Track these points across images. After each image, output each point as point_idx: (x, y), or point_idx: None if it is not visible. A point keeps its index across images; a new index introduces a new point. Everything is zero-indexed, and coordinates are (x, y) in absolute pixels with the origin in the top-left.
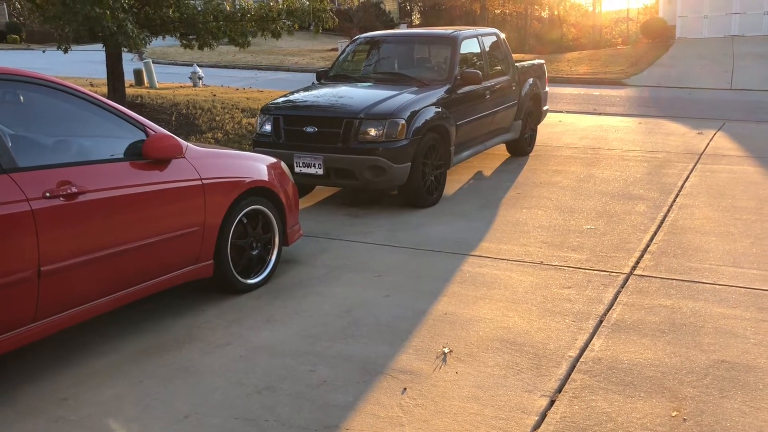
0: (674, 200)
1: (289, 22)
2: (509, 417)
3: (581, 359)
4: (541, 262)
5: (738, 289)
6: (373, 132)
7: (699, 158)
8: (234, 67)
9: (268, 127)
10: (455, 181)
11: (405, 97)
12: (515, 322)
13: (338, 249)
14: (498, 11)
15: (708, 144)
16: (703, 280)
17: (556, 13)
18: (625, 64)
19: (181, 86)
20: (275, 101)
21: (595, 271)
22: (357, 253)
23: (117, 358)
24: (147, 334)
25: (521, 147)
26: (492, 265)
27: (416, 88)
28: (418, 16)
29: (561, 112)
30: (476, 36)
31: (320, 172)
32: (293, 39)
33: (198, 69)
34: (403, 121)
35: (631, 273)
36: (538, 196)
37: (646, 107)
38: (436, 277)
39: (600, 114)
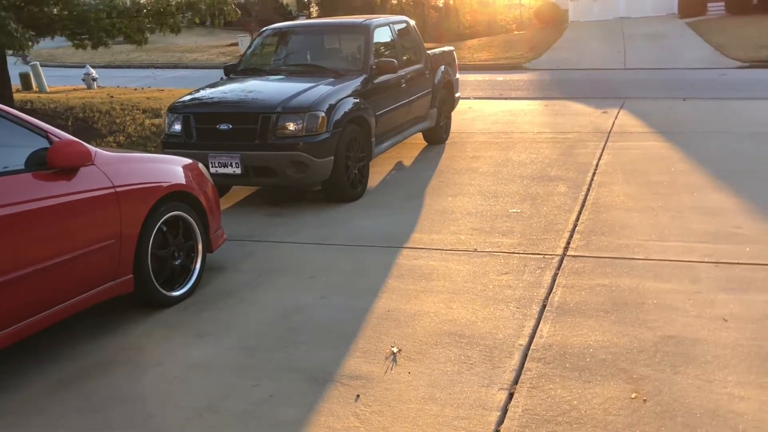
0: (592, 179)
1: (189, 16)
2: (471, 415)
3: (532, 347)
4: (475, 249)
5: (669, 262)
6: (292, 126)
7: (608, 136)
8: (129, 67)
9: (177, 127)
10: (377, 173)
11: (322, 88)
12: (460, 313)
13: (265, 251)
14: (395, 1)
15: (614, 122)
16: (635, 257)
17: (451, 1)
18: (523, 49)
19: (74, 89)
20: (183, 99)
21: (530, 255)
22: (286, 254)
23: (31, 392)
24: (65, 362)
25: (438, 135)
26: (427, 256)
27: (332, 79)
28: (316, 7)
29: (470, 98)
30: (388, 24)
31: (238, 171)
32: (190, 35)
33: (91, 70)
34: (323, 114)
35: (564, 254)
36: (461, 183)
37: (550, 90)
38: (373, 274)
39: (507, 99)
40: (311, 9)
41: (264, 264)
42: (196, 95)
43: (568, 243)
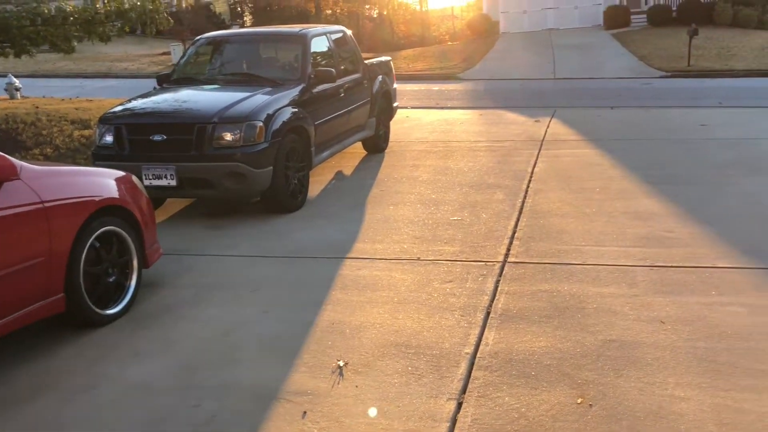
0: (528, 186)
1: (118, 25)
2: (420, 428)
3: (478, 355)
4: (418, 258)
5: (606, 267)
6: (229, 136)
7: (541, 144)
8: (55, 76)
9: (109, 138)
10: (318, 182)
11: (260, 98)
12: (405, 323)
13: (204, 265)
14: (330, 11)
15: (546, 130)
16: (573, 261)
17: (385, 12)
18: (457, 60)
19: None
20: (115, 109)
21: (472, 262)
22: (225, 268)
23: None
24: None
25: (377, 144)
26: (371, 266)
27: (270, 89)
28: (250, 17)
29: (407, 107)
30: (325, 33)
31: (173, 183)
32: (120, 44)
33: (14, 80)
34: (261, 124)
35: (505, 261)
36: (402, 192)
37: (484, 99)
38: (316, 285)
39: (443, 108)
40: (245, 18)
41: (203, 279)
42: (129, 105)
43: (509, 249)
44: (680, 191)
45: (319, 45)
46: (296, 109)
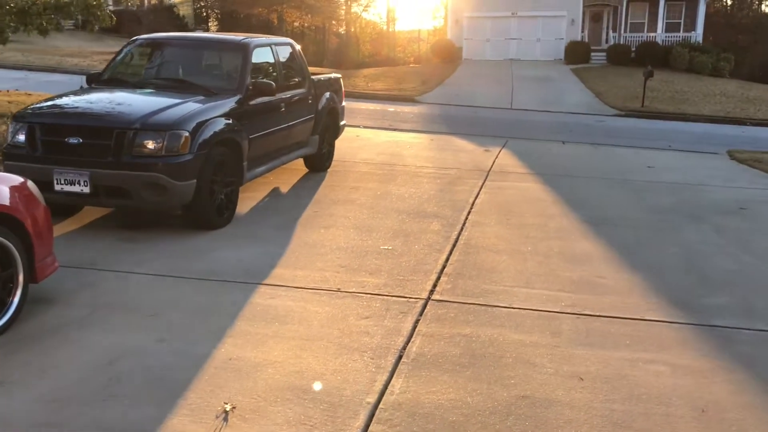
0: (467, 218)
1: (57, 18)
2: None
3: (381, 405)
4: (339, 289)
5: (532, 312)
6: (151, 145)
7: (487, 175)
8: (0, 67)
9: (21, 137)
10: (250, 198)
11: (189, 106)
12: (309, 363)
13: (106, 283)
14: (297, 24)
15: (494, 161)
16: (499, 304)
17: (353, 29)
18: (417, 82)
19: None
20: (33, 106)
21: (394, 298)
22: (129, 287)
23: None
24: None
25: (319, 162)
26: (286, 295)
27: (203, 98)
28: (215, 23)
29: (358, 126)
30: (270, 45)
31: (86, 190)
32: (75, 39)
33: None
34: (187, 133)
35: (429, 298)
36: (337, 215)
37: (437, 124)
38: (222, 314)
39: (395, 130)
40: (209, 24)
41: (102, 297)
42: (47, 103)
43: (435, 286)
44: (619, 234)
45: (261, 56)
46: (229, 121)
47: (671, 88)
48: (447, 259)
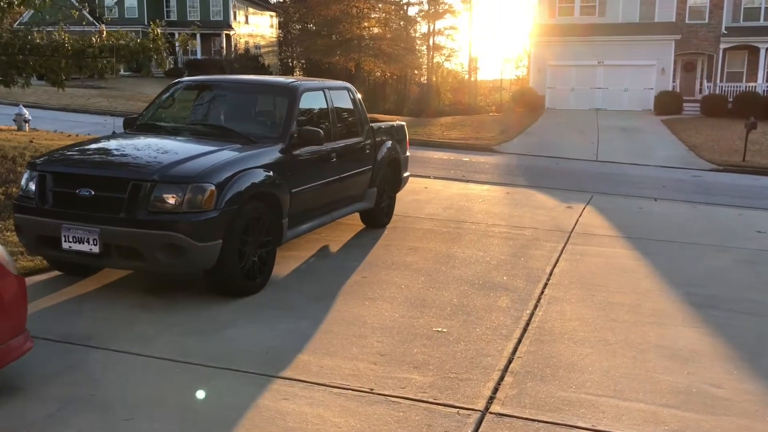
0: (542, 292)
1: (114, 61)
2: None
3: None
4: (371, 390)
5: None
6: (170, 199)
7: (569, 237)
8: (85, 112)
9: (33, 187)
10: (292, 258)
11: (220, 155)
12: None
13: (93, 366)
14: (379, 73)
15: (577, 220)
16: (579, 424)
17: (434, 79)
18: (496, 131)
19: None
20: (51, 152)
21: (440, 407)
22: (117, 373)
23: None
24: None
25: (377, 218)
26: (303, 396)
27: (240, 146)
28: (300, 73)
29: (428, 177)
30: (322, 89)
31: (96, 249)
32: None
33: (24, 110)
34: (212, 187)
35: (486, 409)
36: (387, 282)
37: (515, 176)
38: (215, 422)
39: (468, 181)
40: (294, 73)
41: (79, 388)
42: (69, 149)
43: (496, 390)
44: (733, 323)
45: (311, 101)
46: (268, 173)
47: None
48: (515, 350)
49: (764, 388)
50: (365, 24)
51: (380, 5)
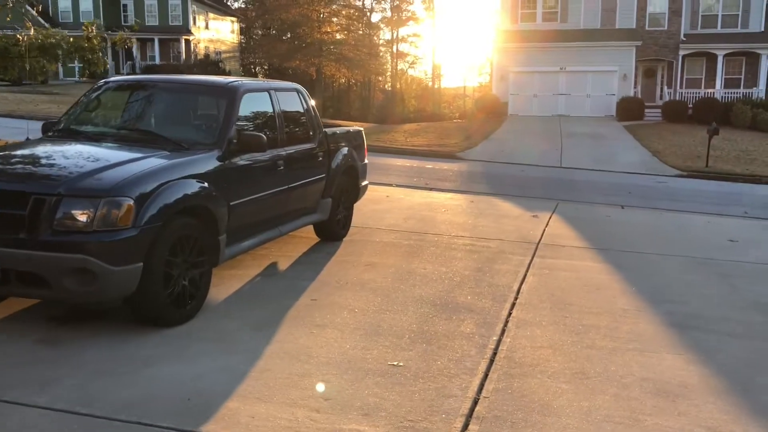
0: (510, 313)
1: (44, 61)
2: None
3: None
4: None
5: None
6: (79, 216)
7: (536, 249)
8: (31, 118)
9: None
10: (234, 277)
11: (143, 164)
12: None
13: None
14: (343, 80)
15: (544, 230)
16: None
17: (398, 86)
18: (460, 138)
19: None
20: None
21: None
22: None
23: None
24: None
25: (332, 230)
26: None
27: (168, 153)
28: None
29: (390, 185)
30: (267, 90)
31: None
32: None
33: None
34: (130, 201)
35: None
36: (340, 305)
37: (479, 183)
38: None
39: (431, 189)
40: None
41: None
42: None
43: None
44: (718, 346)
45: (255, 104)
46: (202, 183)
47: (735, 147)
48: (480, 387)
49: (765, 429)
50: (326, 29)
51: (343, 11)
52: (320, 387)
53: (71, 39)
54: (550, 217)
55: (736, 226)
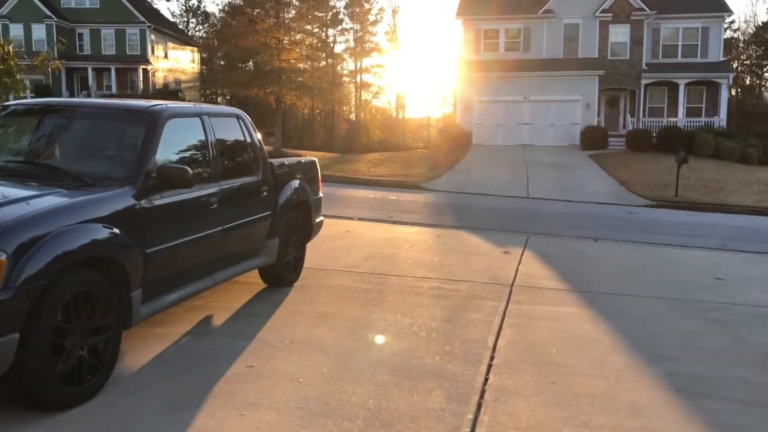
0: (486, 379)
1: None
2: None
3: None
4: None
5: None
6: None
7: (510, 293)
8: None
9: None
10: (157, 337)
11: (25, 207)
12: None
13: None
14: (306, 110)
15: (517, 269)
16: None
17: (362, 115)
18: (424, 167)
19: None
20: None
21: None
22: None
23: None
24: None
25: (281, 275)
26: None
27: (66, 191)
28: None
29: (352, 218)
30: (199, 115)
31: None
32: None
33: None
34: (2, 255)
35: None
36: (281, 374)
37: (445, 215)
38: None
39: (395, 222)
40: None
41: None
42: None
43: None
44: (739, 421)
45: (182, 131)
46: (108, 228)
47: (701, 176)
48: None
49: None
50: (286, 57)
51: (306, 41)
52: None
53: None
54: (522, 254)
55: (717, 261)
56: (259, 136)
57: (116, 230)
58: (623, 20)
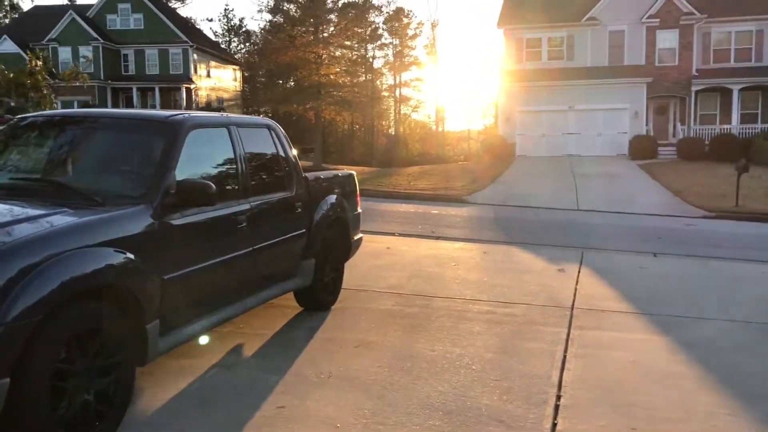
0: (554, 424)
1: None
2: None
3: None
4: None
5: None
6: None
7: (571, 317)
8: None
9: None
10: (180, 370)
11: (20, 229)
12: None
13: None
14: (346, 126)
15: (576, 288)
16: None
17: (401, 129)
18: (466, 180)
19: None
20: None
21: None
22: None
23: None
24: None
25: (317, 298)
26: None
27: (72, 211)
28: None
29: (393, 234)
30: (226, 126)
31: None
32: None
33: None
34: None
35: None
36: (314, 418)
37: (491, 230)
38: None
39: (438, 238)
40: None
41: None
42: None
43: None
44: None
45: (207, 143)
46: (120, 252)
47: (762, 185)
48: None
49: None
50: (325, 71)
51: (346, 56)
52: None
53: (11, 74)
54: (578, 271)
55: None
56: (294, 151)
57: (128, 254)
58: (671, 25)
